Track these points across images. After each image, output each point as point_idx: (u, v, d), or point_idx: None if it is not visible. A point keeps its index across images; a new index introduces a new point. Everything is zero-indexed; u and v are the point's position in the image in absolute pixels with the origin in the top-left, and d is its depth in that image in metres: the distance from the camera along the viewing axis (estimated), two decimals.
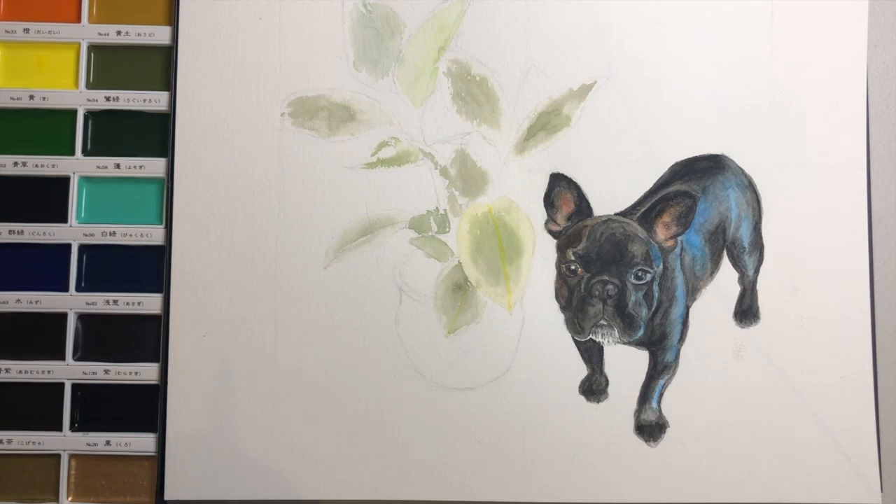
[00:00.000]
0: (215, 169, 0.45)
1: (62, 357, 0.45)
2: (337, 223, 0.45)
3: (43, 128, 0.46)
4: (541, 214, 0.45)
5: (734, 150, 0.46)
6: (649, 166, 0.45)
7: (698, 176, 0.45)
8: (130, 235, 0.45)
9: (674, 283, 0.45)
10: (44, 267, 0.45)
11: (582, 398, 0.45)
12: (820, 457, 0.44)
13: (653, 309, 0.44)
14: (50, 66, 0.47)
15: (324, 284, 0.45)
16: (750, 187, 0.46)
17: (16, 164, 0.46)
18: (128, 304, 0.45)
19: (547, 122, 0.46)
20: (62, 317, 0.45)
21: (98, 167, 0.46)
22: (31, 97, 0.46)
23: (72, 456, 0.45)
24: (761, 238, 0.45)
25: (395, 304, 0.45)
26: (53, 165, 0.46)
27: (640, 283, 0.44)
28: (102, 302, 0.45)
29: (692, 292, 0.45)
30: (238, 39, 0.46)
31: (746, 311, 0.45)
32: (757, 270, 0.45)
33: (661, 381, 0.45)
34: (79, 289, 0.45)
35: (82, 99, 0.46)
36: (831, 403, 0.45)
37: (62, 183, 0.46)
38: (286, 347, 0.44)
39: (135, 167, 0.46)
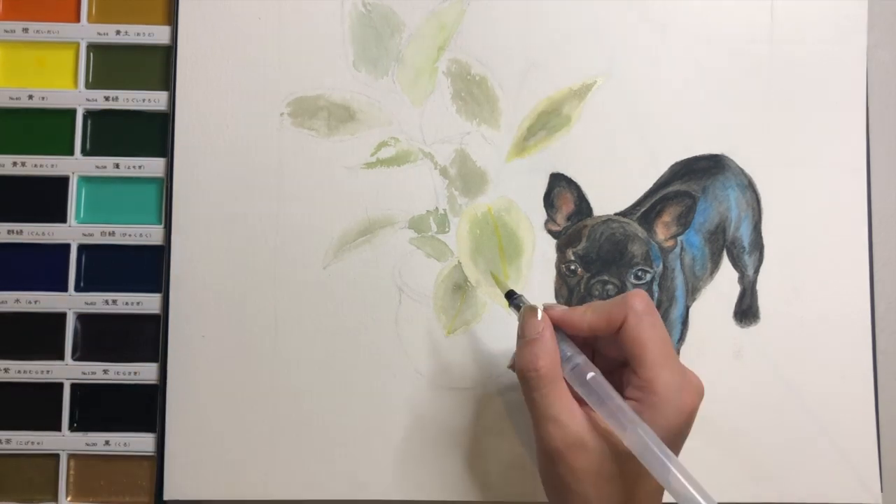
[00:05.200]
0: (215, 169, 0.45)
1: (61, 357, 0.45)
2: (336, 223, 0.45)
3: (42, 128, 0.46)
4: (541, 214, 0.45)
5: (734, 150, 0.46)
6: (649, 166, 0.45)
7: (698, 176, 0.45)
8: (129, 235, 0.45)
9: (674, 283, 0.45)
10: (43, 267, 0.45)
11: None
12: (820, 457, 0.44)
13: None
14: (49, 66, 0.47)
15: (324, 284, 0.45)
16: (750, 187, 0.46)
17: (15, 163, 0.46)
18: (127, 304, 0.45)
19: (547, 122, 0.46)
20: (61, 317, 0.45)
21: (97, 167, 0.46)
22: (31, 97, 0.46)
23: (71, 456, 0.45)
24: (761, 238, 0.45)
25: (395, 304, 0.45)
26: (52, 165, 0.46)
27: (640, 283, 0.44)
28: (101, 302, 0.45)
29: (692, 292, 0.45)
30: (238, 39, 0.46)
31: (746, 311, 0.45)
32: (757, 270, 0.45)
33: None
34: (78, 289, 0.45)
35: (81, 99, 0.46)
36: (831, 403, 0.45)
37: (61, 183, 0.46)
38: (286, 347, 0.44)
39: (134, 167, 0.46)
